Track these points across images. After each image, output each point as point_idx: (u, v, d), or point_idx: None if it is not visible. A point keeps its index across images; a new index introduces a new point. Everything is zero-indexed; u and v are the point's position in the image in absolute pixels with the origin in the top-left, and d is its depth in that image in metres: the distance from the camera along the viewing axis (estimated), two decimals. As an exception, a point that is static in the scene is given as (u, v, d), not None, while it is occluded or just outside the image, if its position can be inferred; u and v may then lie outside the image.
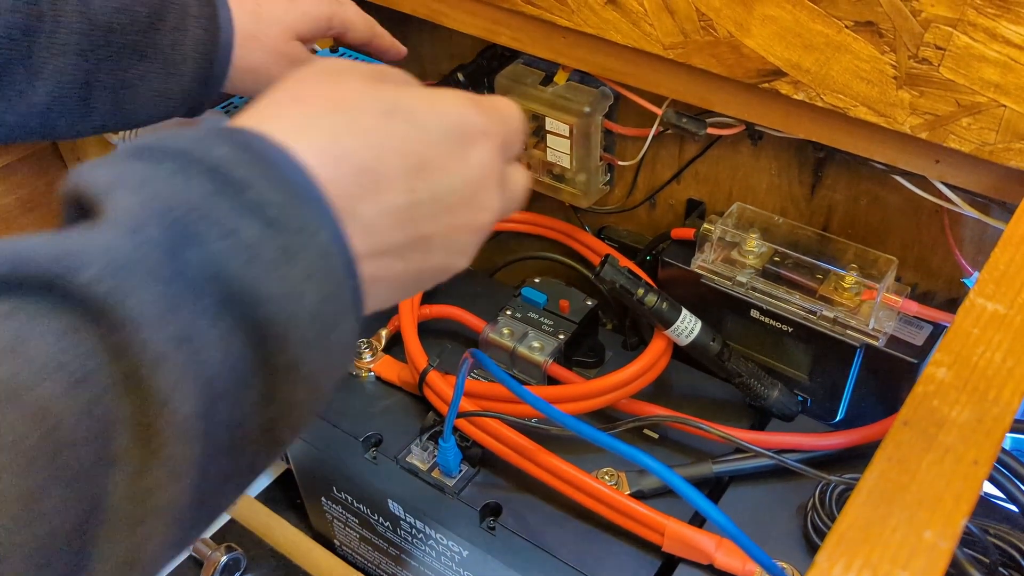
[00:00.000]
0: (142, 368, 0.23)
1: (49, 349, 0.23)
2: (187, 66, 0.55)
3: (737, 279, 0.65)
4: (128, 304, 0.24)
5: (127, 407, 0.23)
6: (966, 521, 0.33)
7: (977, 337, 0.40)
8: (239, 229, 0.26)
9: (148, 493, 0.24)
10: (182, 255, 0.25)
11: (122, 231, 0.25)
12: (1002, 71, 0.50)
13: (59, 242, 0.24)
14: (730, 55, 0.59)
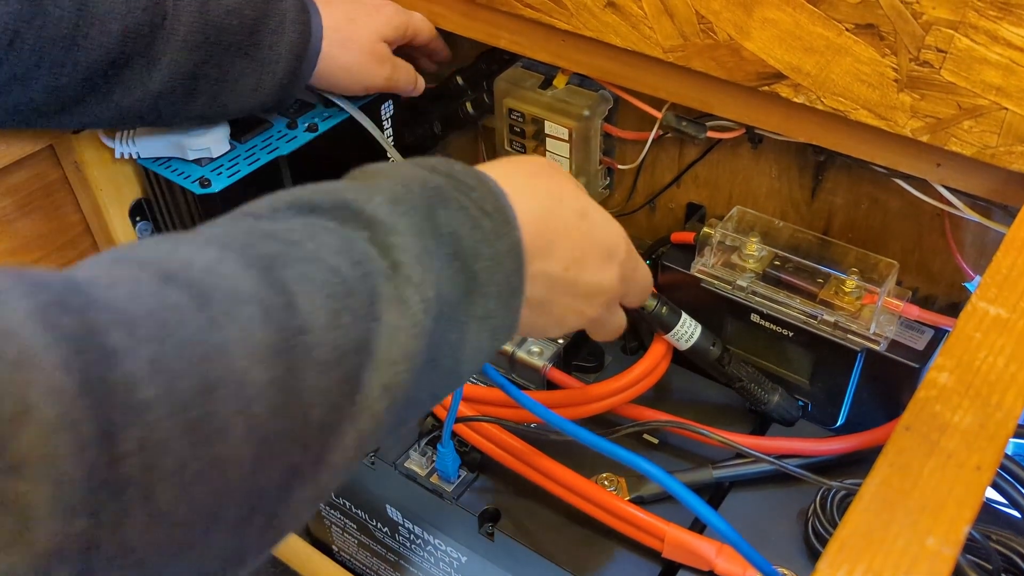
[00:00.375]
0: (401, 264, 0.34)
1: (339, 241, 0.34)
2: (280, 65, 0.63)
3: (737, 283, 0.65)
4: (398, 226, 0.35)
5: (388, 285, 0.34)
6: (969, 528, 0.33)
7: (979, 341, 0.39)
8: (468, 207, 0.38)
9: (399, 343, 0.33)
10: (433, 211, 0.37)
11: (396, 186, 0.37)
12: (1004, 74, 0.49)
13: (347, 188, 0.36)
14: (730, 58, 0.59)
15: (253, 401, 0.28)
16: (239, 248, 0.31)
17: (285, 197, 0.36)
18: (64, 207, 0.72)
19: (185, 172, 0.66)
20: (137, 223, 0.74)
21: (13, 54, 0.54)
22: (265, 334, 0.29)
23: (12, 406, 0.23)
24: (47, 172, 0.69)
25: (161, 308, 0.28)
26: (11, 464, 0.23)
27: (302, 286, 0.31)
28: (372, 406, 0.32)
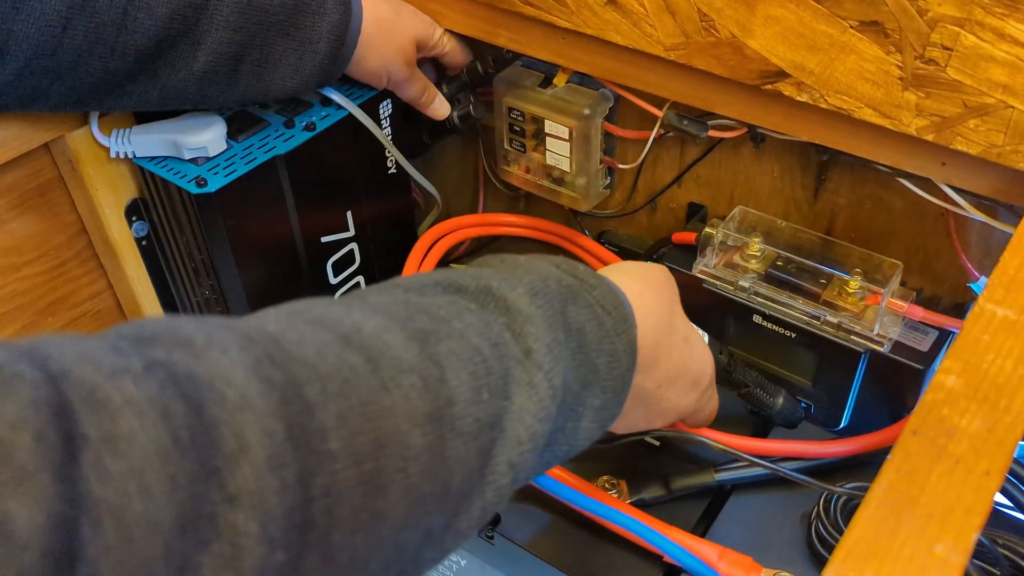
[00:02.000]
0: (533, 351, 0.38)
1: (480, 323, 0.37)
2: (320, 45, 0.64)
3: (739, 284, 0.64)
4: (534, 316, 0.39)
5: (517, 369, 0.37)
6: (978, 534, 0.32)
7: (987, 344, 0.39)
8: (594, 305, 0.42)
9: (525, 424, 0.36)
10: (565, 306, 0.40)
11: (535, 279, 0.41)
12: (1010, 71, 0.49)
13: (490, 275, 0.40)
14: (732, 56, 0.58)
15: (411, 462, 0.31)
16: (400, 320, 0.35)
17: (434, 276, 0.40)
18: (59, 206, 0.71)
19: (181, 171, 0.66)
20: (133, 223, 0.73)
21: (67, 40, 0.55)
22: (423, 402, 0.32)
23: (234, 443, 0.26)
24: (42, 171, 0.69)
25: (344, 367, 0.31)
26: (230, 495, 0.26)
27: (450, 361, 0.34)
28: (497, 480, 0.35)
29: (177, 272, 0.75)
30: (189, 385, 0.27)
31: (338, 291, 0.79)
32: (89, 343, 0.27)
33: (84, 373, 0.26)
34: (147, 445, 0.25)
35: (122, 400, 0.25)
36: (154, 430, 0.25)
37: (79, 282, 0.75)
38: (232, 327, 0.30)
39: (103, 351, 0.27)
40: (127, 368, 0.26)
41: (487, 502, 0.35)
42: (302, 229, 0.73)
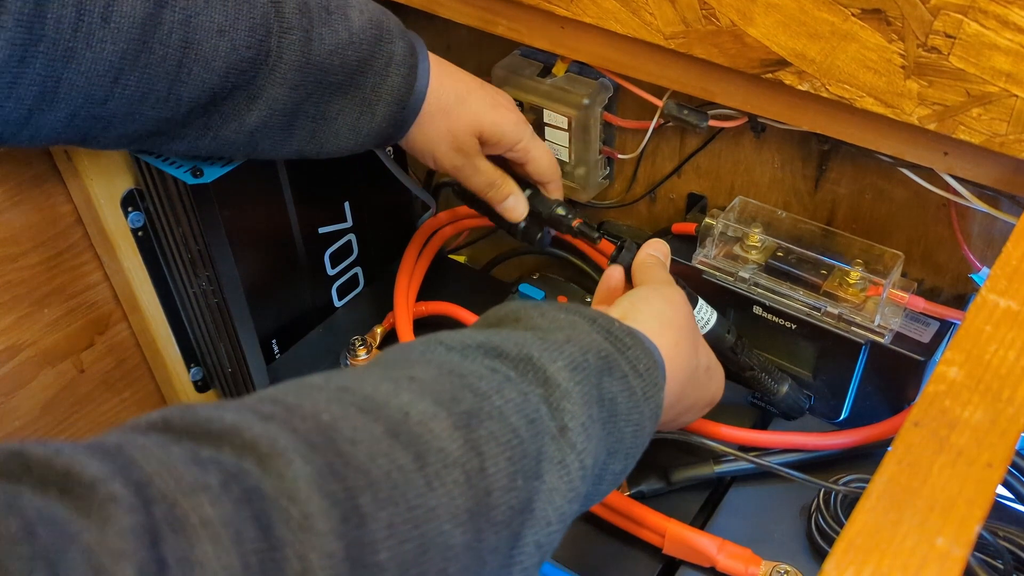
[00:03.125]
0: (568, 429, 0.39)
1: (519, 396, 0.38)
2: (380, 107, 0.61)
3: (739, 275, 0.64)
4: (572, 392, 0.40)
5: (551, 447, 0.38)
6: (980, 527, 0.32)
7: (990, 335, 0.38)
8: (628, 375, 0.43)
9: (555, 506, 0.38)
10: (602, 379, 0.42)
11: (575, 350, 0.42)
12: (1014, 60, 0.48)
13: (532, 341, 0.41)
14: (733, 45, 0.58)
15: (451, 562, 0.33)
16: (446, 403, 0.36)
17: (477, 337, 0.41)
18: (55, 197, 0.70)
19: (177, 162, 0.65)
20: (129, 213, 0.72)
21: (118, 91, 0.53)
22: (465, 499, 0.34)
23: (297, 565, 0.28)
24: (36, 161, 0.68)
25: (394, 470, 0.32)
26: None
27: (490, 447, 0.36)
28: (525, 561, 0.37)
29: (174, 263, 0.75)
30: (259, 503, 0.29)
31: (335, 282, 0.79)
32: (171, 449, 0.29)
33: (166, 487, 0.28)
34: (219, 572, 0.27)
35: (199, 521, 0.27)
36: (227, 557, 0.27)
37: (75, 273, 0.75)
38: (292, 426, 0.32)
39: (184, 461, 0.29)
40: (206, 486, 0.28)
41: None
42: (299, 220, 0.72)
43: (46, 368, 0.76)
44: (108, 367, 0.81)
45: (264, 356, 0.75)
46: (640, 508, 0.57)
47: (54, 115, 0.53)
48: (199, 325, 0.78)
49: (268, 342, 0.76)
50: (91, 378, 0.80)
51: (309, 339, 0.76)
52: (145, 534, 0.26)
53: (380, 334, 0.74)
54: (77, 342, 0.77)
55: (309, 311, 0.78)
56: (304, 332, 0.76)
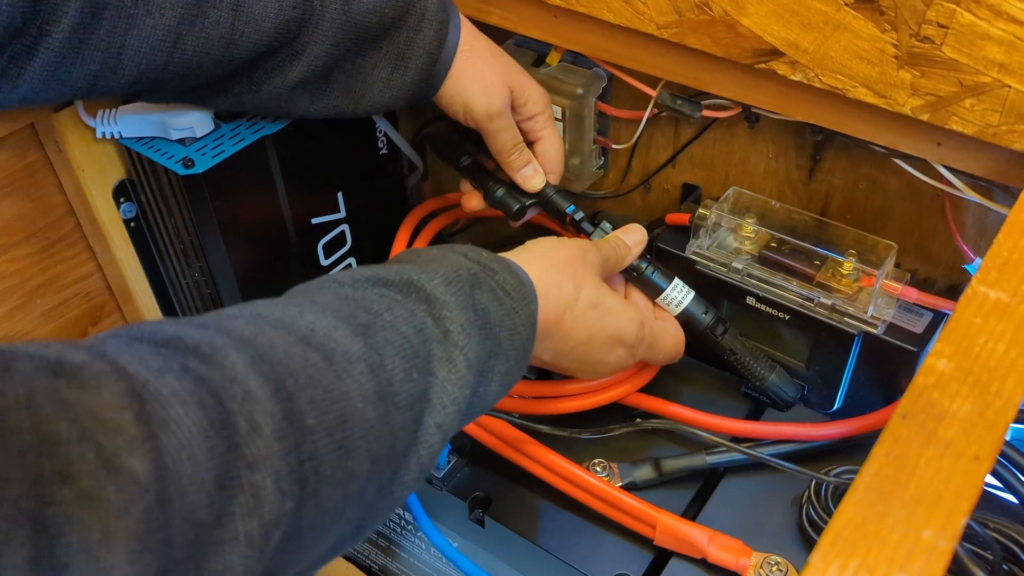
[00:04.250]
0: (450, 332, 0.45)
1: (406, 312, 0.44)
2: (412, 61, 0.62)
3: (733, 265, 0.64)
4: (450, 302, 0.46)
5: (438, 348, 0.45)
6: (967, 520, 0.32)
7: (979, 327, 0.38)
8: (496, 289, 0.49)
9: (447, 393, 0.44)
10: (472, 291, 0.48)
11: (448, 270, 0.48)
12: (1007, 50, 0.48)
13: (412, 269, 0.47)
14: (726, 34, 0.57)
15: (369, 431, 0.40)
16: (344, 317, 0.42)
17: (364, 271, 0.47)
18: (46, 188, 0.70)
19: (168, 152, 0.65)
20: (121, 204, 0.72)
21: (177, 55, 0.57)
22: (371, 384, 0.41)
23: (246, 424, 0.35)
24: (27, 152, 0.68)
25: (308, 364, 0.39)
26: (249, 462, 0.35)
27: (386, 350, 0.42)
28: (429, 439, 0.44)
29: (166, 253, 0.74)
30: (209, 384, 0.35)
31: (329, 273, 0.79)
32: (136, 346, 0.36)
33: (138, 369, 0.34)
34: (191, 426, 0.33)
35: (169, 393, 0.34)
36: (195, 416, 0.34)
37: (68, 264, 0.75)
38: (224, 333, 0.39)
39: (148, 353, 0.35)
40: (169, 368, 0.35)
41: (422, 458, 0.44)
42: (292, 210, 0.72)
43: (39, 359, 0.76)
44: (102, 358, 0.81)
45: (257, 347, 0.75)
46: (631, 499, 0.57)
47: (117, 81, 0.57)
48: (192, 316, 0.78)
49: (261, 333, 0.75)
50: (85, 369, 0.80)
51: (302, 330, 0.76)
52: (133, 397, 0.33)
53: (373, 325, 0.73)
54: (70, 333, 0.77)
55: (302, 302, 0.77)
56: (298, 323, 0.76)
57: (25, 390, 0.30)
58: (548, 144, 0.68)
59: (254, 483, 0.35)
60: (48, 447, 0.29)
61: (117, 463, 0.31)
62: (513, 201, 0.69)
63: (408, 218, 0.78)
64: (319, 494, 0.38)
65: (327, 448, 0.38)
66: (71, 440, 0.30)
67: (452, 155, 0.71)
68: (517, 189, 0.69)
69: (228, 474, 0.34)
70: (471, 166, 0.71)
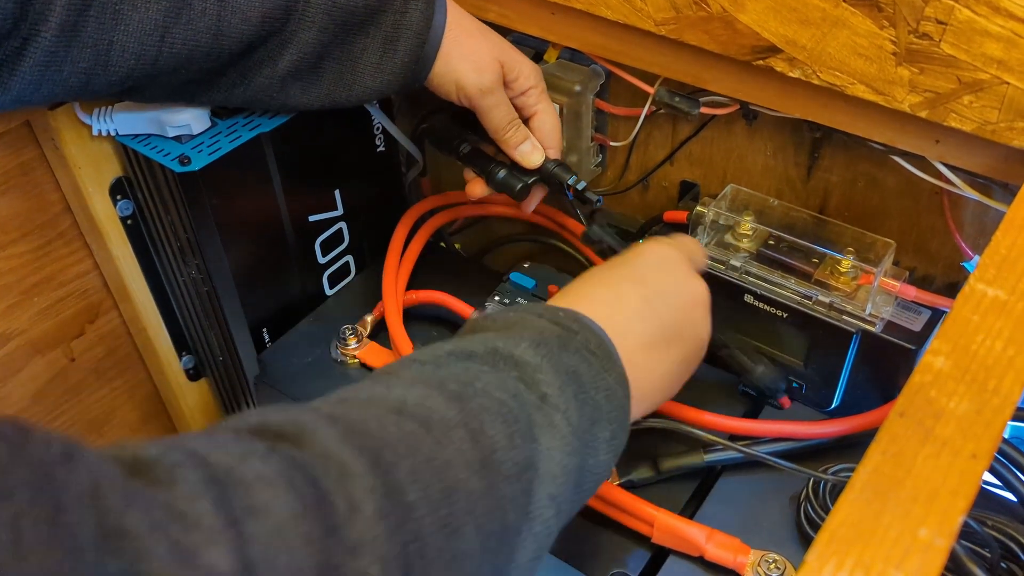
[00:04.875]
0: (548, 395, 0.43)
1: (497, 379, 0.42)
2: (401, 43, 0.62)
3: (731, 263, 0.63)
4: (542, 365, 0.43)
5: (537, 414, 0.42)
6: (964, 518, 0.32)
7: (977, 324, 0.38)
8: (581, 349, 0.46)
9: (555, 460, 0.41)
10: (560, 355, 0.45)
11: (533, 334, 0.45)
12: (1005, 46, 0.48)
13: (494, 337, 0.45)
14: (723, 31, 0.57)
15: (476, 504, 0.37)
16: (434, 387, 0.40)
17: (445, 347, 0.45)
18: (42, 186, 0.70)
19: (165, 150, 0.65)
20: (118, 201, 0.72)
21: (166, 49, 0.57)
22: (473, 452, 0.38)
23: (345, 504, 0.32)
24: (23, 149, 0.68)
25: (404, 434, 0.37)
26: (350, 547, 0.31)
27: (485, 415, 0.39)
28: (543, 514, 0.40)
29: (163, 251, 0.74)
30: (301, 465, 0.32)
31: (326, 271, 0.79)
32: (213, 437, 0.33)
33: (219, 457, 0.31)
34: (282, 511, 0.30)
35: (254, 477, 0.31)
36: (285, 499, 0.31)
37: (65, 262, 0.74)
38: (311, 410, 0.36)
39: (228, 441, 0.33)
40: (253, 451, 0.32)
41: (538, 536, 0.40)
42: (289, 208, 0.72)
43: (36, 357, 0.76)
44: (99, 356, 0.81)
45: (255, 344, 0.75)
46: (629, 497, 0.57)
47: (108, 78, 0.57)
48: (190, 313, 0.78)
49: (259, 330, 0.75)
50: (82, 367, 0.80)
51: (300, 328, 0.76)
52: (212, 485, 0.30)
53: (371, 323, 0.73)
54: (67, 331, 0.77)
55: (300, 300, 0.77)
56: (295, 321, 0.76)
57: (90, 482, 0.27)
58: (544, 118, 0.67)
59: (359, 570, 0.31)
60: (114, 542, 0.26)
61: (194, 558, 0.27)
62: (515, 181, 0.68)
63: (406, 216, 0.78)
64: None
65: (432, 527, 0.34)
66: (140, 534, 0.27)
67: (451, 145, 0.71)
68: (518, 168, 0.68)
69: (329, 563, 0.30)
70: (471, 153, 0.70)
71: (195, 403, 0.87)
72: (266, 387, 0.71)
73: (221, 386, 0.83)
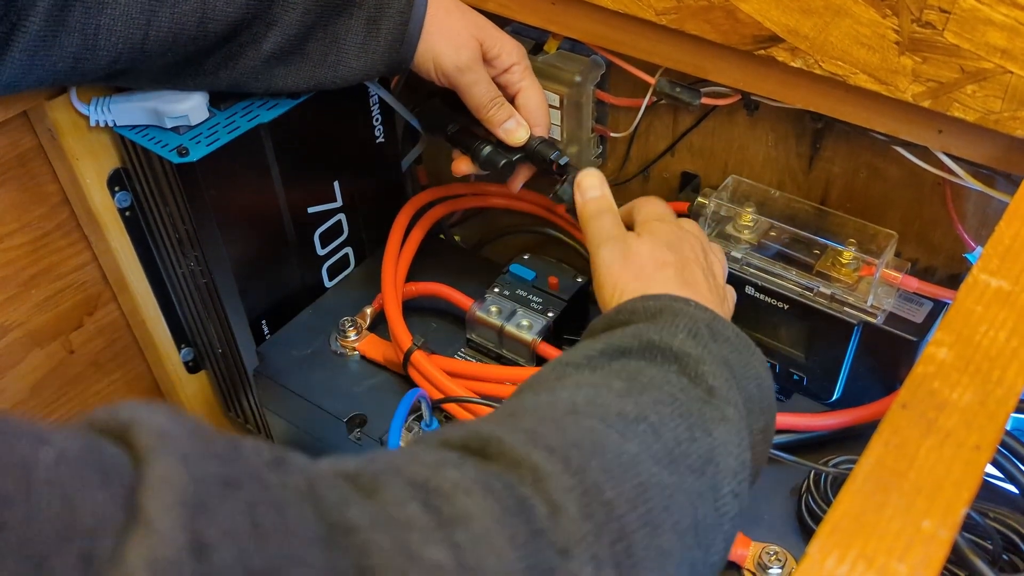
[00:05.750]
0: (715, 388, 0.41)
1: (659, 374, 0.41)
2: (384, 23, 0.62)
3: (732, 254, 0.63)
4: (704, 356, 0.42)
5: (707, 408, 0.40)
6: (967, 510, 0.32)
7: (980, 315, 0.38)
8: (730, 338, 0.45)
9: (734, 455, 0.40)
10: (713, 345, 0.44)
11: (687, 323, 0.44)
12: (1009, 35, 0.47)
13: (647, 328, 0.44)
14: (725, 20, 0.57)
15: (670, 500, 0.35)
16: (601, 386, 0.40)
17: (595, 346, 0.44)
18: (40, 176, 0.70)
19: (163, 141, 0.64)
20: (116, 193, 0.72)
21: (152, 32, 0.57)
22: (658, 445, 0.37)
23: (545, 508, 0.31)
24: (21, 140, 0.67)
25: (585, 431, 0.36)
26: (560, 550, 0.31)
27: (659, 408, 0.39)
28: (730, 511, 0.39)
29: (162, 243, 0.74)
30: (491, 470, 0.32)
31: (325, 263, 0.78)
32: (407, 451, 0.34)
33: (416, 470, 0.31)
34: (484, 516, 0.30)
35: (451, 486, 0.31)
36: (485, 503, 0.30)
37: (63, 253, 0.74)
38: (488, 423, 0.36)
39: (421, 453, 0.33)
40: (446, 461, 0.32)
41: (726, 533, 0.39)
42: (288, 199, 0.72)
43: (35, 349, 0.76)
44: (98, 348, 0.80)
45: (254, 336, 0.75)
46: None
47: (96, 62, 0.57)
48: (188, 305, 0.78)
49: (258, 322, 0.75)
50: (81, 359, 0.79)
51: (299, 320, 0.75)
52: (417, 490, 0.30)
53: (370, 315, 0.73)
54: (66, 323, 0.77)
55: (299, 291, 0.77)
56: (294, 312, 0.76)
57: (306, 483, 0.27)
58: (528, 95, 0.67)
59: (572, 572, 0.30)
60: (340, 537, 0.27)
61: (416, 552, 0.28)
62: (500, 158, 0.68)
63: (405, 207, 0.77)
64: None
65: (634, 525, 0.33)
66: (363, 526, 0.27)
67: (442, 126, 0.72)
68: (503, 146, 0.68)
69: (540, 564, 0.30)
70: (459, 132, 0.71)
71: (194, 395, 0.87)
72: (265, 379, 0.71)
73: (220, 378, 0.83)
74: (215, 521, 0.23)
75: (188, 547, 0.22)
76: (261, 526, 0.24)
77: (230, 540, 0.23)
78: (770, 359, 0.66)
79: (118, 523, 0.22)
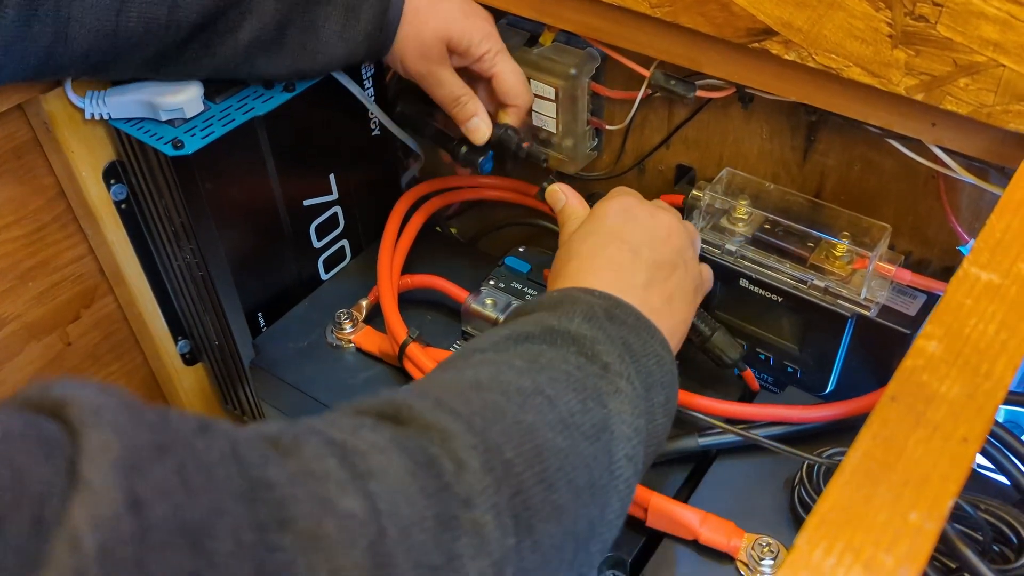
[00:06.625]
0: (609, 364, 0.45)
1: (558, 355, 0.44)
2: (363, 10, 0.62)
3: (726, 247, 0.63)
4: (598, 337, 0.46)
5: (602, 382, 0.44)
6: (954, 501, 0.32)
7: (970, 308, 0.38)
8: (626, 320, 0.48)
9: (627, 423, 0.43)
10: (610, 327, 0.47)
11: (583, 308, 0.47)
12: (1002, 29, 0.47)
13: (547, 316, 0.47)
14: (719, 13, 0.57)
15: (564, 461, 0.39)
16: (504, 365, 0.43)
17: (500, 332, 0.47)
18: (36, 169, 0.70)
19: (158, 133, 0.64)
20: (112, 186, 0.72)
21: (123, 22, 0.58)
22: (553, 414, 0.40)
23: (452, 464, 0.35)
24: (16, 133, 0.67)
25: (487, 403, 0.39)
26: (464, 500, 0.34)
27: (556, 385, 0.42)
28: (624, 473, 0.42)
29: (157, 235, 0.74)
30: (403, 435, 0.35)
31: (321, 255, 0.79)
32: (325, 418, 0.36)
33: (334, 432, 0.34)
34: (398, 470, 0.33)
35: (367, 446, 0.34)
36: (399, 460, 0.34)
37: (59, 246, 0.74)
38: (401, 393, 0.39)
39: (338, 418, 0.36)
40: (362, 424, 0.36)
41: (621, 493, 0.42)
42: (283, 192, 0.72)
43: (32, 342, 0.76)
44: (95, 340, 0.81)
45: (250, 329, 0.75)
46: (624, 481, 0.57)
47: (70, 54, 0.58)
48: (185, 298, 0.78)
49: (254, 315, 0.75)
50: (78, 351, 0.80)
51: (295, 312, 0.75)
52: (334, 448, 0.33)
53: (366, 307, 0.73)
54: (63, 315, 0.77)
55: (295, 284, 0.77)
56: (290, 305, 0.76)
57: (230, 445, 0.30)
58: (503, 77, 0.68)
59: (475, 520, 0.34)
60: (261, 492, 0.29)
61: (332, 503, 0.30)
62: (476, 155, 0.70)
63: (401, 200, 0.77)
64: (533, 531, 0.36)
65: (531, 481, 0.37)
66: (281, 482, 0.30)
67: (422, 127, 0.74)
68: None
69: (446, 512, 0.33)
70: (438, 133, 0.73)
71: (191, 387, 0.88)
72: (262, 371, 0.71)
73: (217, 370, 0.83)
74: (149, 481, 0.26)
75: (126, 504, 0.25)
76: (190, 484, 0.27)
77: (163, 497, 0.26)
78: (764, 351, 0.66)
79: (63, 489, 0.25)
